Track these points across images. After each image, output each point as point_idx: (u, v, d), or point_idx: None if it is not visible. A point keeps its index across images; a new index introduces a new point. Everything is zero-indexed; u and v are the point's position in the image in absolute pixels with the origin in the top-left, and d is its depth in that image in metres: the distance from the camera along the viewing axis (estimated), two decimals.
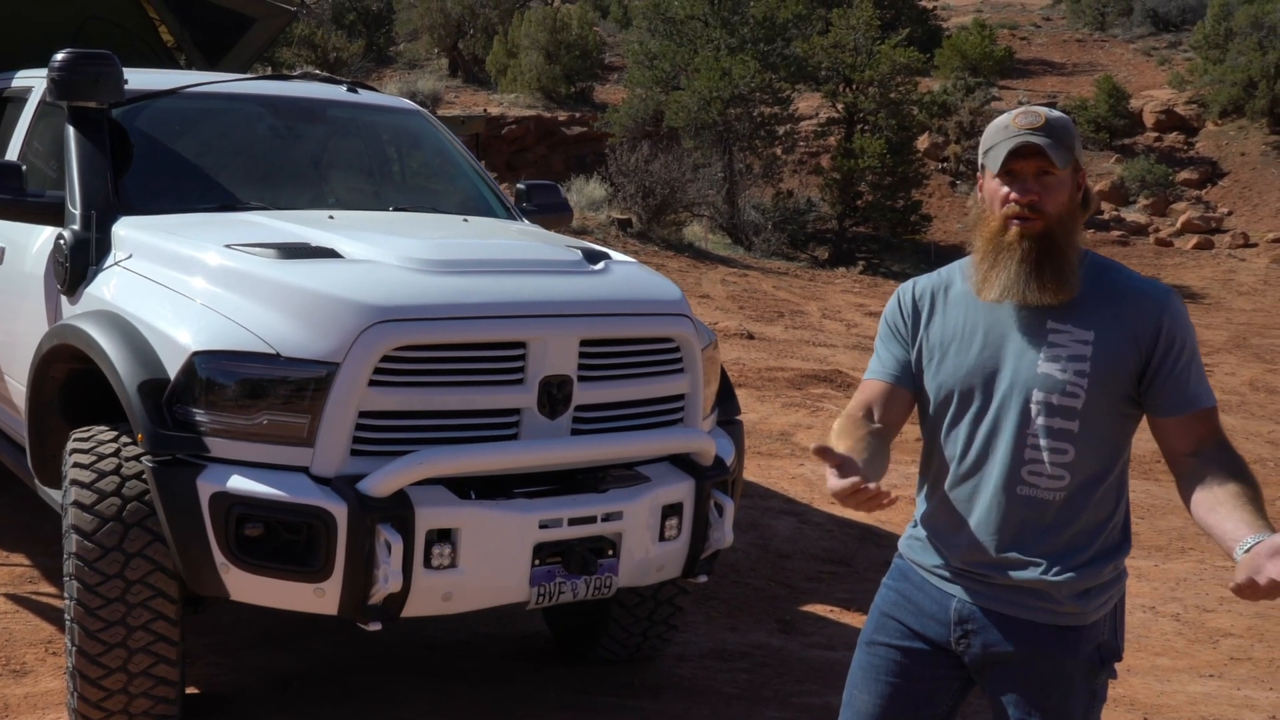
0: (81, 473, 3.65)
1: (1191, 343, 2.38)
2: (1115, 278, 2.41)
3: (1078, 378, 2.34)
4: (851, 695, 2.60)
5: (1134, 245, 28.14)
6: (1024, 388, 2.37)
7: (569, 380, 3.73)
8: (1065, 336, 2.36)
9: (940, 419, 2.49)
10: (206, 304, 3.67)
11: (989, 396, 2.42)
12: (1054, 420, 2.36)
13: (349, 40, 30.56)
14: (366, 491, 3.41)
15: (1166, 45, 36.91)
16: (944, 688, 2.52)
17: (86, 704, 3.68)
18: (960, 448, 2.46)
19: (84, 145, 4.41)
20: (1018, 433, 2.38)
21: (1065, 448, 2.36)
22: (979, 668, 2.47)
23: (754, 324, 14.27)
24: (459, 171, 5.37)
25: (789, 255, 23.69)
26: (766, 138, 25.28)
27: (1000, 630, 2.41)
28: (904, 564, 2.60)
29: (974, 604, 2.44)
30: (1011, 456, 2.39)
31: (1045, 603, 2.39)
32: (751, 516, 6.97)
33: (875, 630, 2.59)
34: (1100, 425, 2.36)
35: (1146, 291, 2.38)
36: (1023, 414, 2.38)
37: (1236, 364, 14.12)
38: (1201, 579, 6.32)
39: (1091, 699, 2.42)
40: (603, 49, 31.73)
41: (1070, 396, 2.34)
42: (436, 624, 4.95)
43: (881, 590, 2.63)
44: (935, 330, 2.50)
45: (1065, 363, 2.35)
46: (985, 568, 2.43)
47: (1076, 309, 2.37)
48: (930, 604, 2.51)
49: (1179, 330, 2.36)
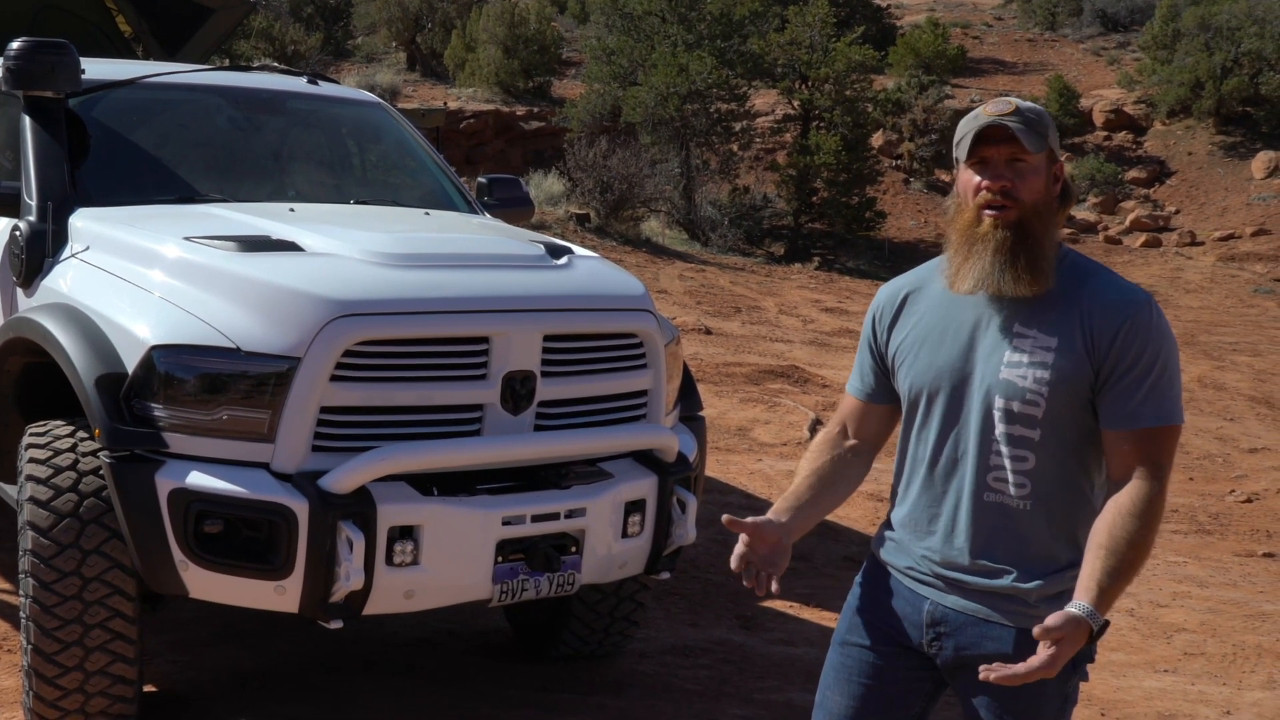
0: (37, 468, 3.59)
1: (1155, 356, 2.26)
2: (1092, 284, 2.33)
3: (1038, 385, 2.29)
4: (824, 695, 2.58)
5: (1083, 243, 28.40)
6: (988, 392, 2.34)
7: (532, 376, 3.72)
8: (1030, 342, 2.31)
9: (912, 420, 2.47)
10: (165, 297, 3.62)
11: (957, 399, 2.38)
12: (1015, 428, 2.32)
13: (307, 33, 30.26)
14: (328, 488, 3.37)
15: (1115, 45, 37.33)
16: (916, 689, 2.51)
17: (42, 703, 3.62)
18: (930, 450, 2.44)
19: (40, 135, 4.33)
20: (982, 438, 2.35)
21: (1026, 455, 2.32)
22: (951, 670, 2.44)
23: (711, 319, 14.29)
24: (420, 165, 5.34)
25: (745, 251, 23.73)
26: (723, 134, 25.29)
27: (973, 634, 2.39)
28: (877, 565, 2.57)
29: (946, 607, 2.42)
30: (977, 462, 2.36)
31: (1017, 606, 2.36)
32: (710, 511, 6.96)
33: (848, 630, 2.57)
34: (1063, 434, 2.31)
35: (1115, 299, 2.30)
36: (986, 419, 2.34)
37: (1185, 361, 14.31)
38: (1155, 574, 6.40)
39: (1063, 702, 2.40)
40: (560, 44, 31.63)
41: (1031, 405, 2.29)
42: (397, 621, 4.92)
43: (854, 590, 2.61)
44: (908, 330, 2.48)
45: (1027, 369, 2.30)
46: (957, 571, 2.40)
47: (1045, 313, 2.31)
48: (903, 605, 2.48)
49: (1139, 341, 2.26)
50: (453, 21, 30.27)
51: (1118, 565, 2.20)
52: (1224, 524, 7.57)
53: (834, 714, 2.55)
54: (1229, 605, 5.95)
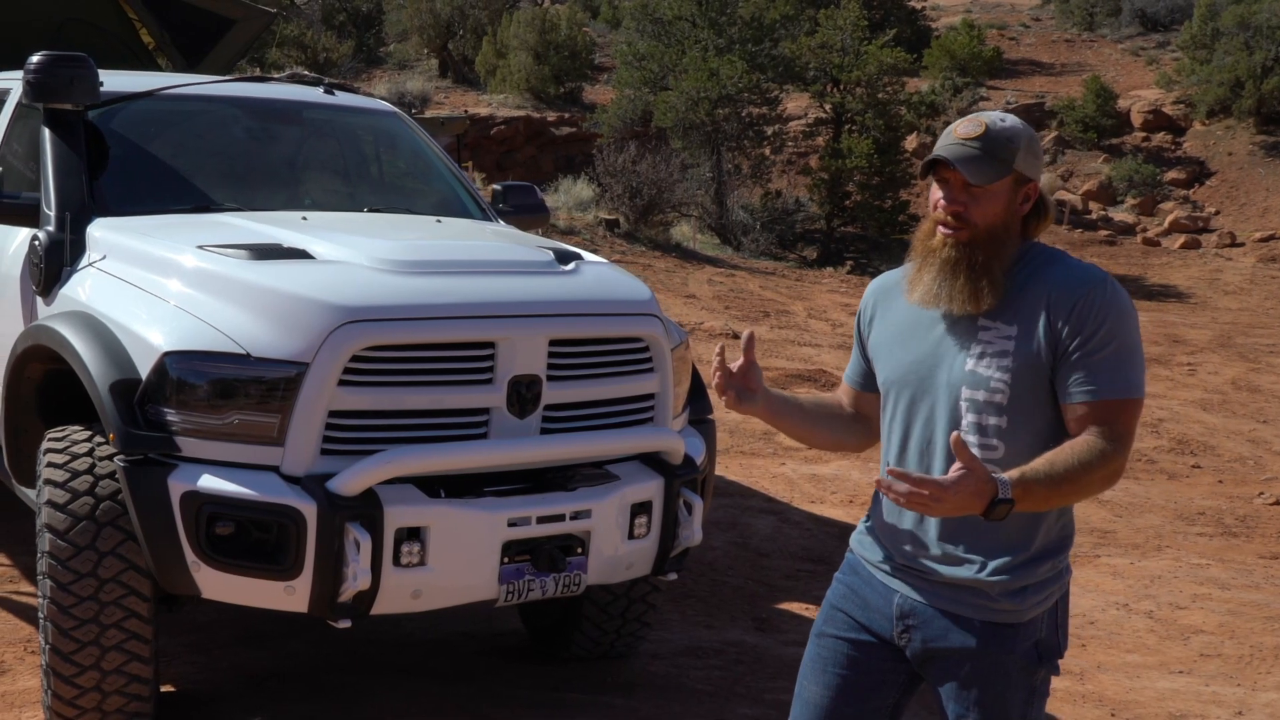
0: (55, 472, 3.68)
1: (1112, 331, 2.31)
2: (1050, 270, 2.39)
3: (1002, 373, 2.36)
4: (802, 685, 2.65)
5: (1121, 245, 28.20)
6: (954, 385, 2.41)
7: (538, 380, 3.77)
8: (992, 334, 2.38)
9: (886, 413, 2.56)
10: (178, 304, 3.70)
11: (925, 393, 2.46)
12: (982, 417, 2.38)
13: (339, 41, 30.56)
14: (335, 490, 3.44)
15: (1155, 45, 37.02)
16: (891, 680, 2.57)
17: (60, 701, 3.71)
18: (899, 443, 2.52)
19: (59, 147, 4.43)
20: (949, 430, 2.41)
21: (995, 444, 2.38)
22: (920, 661, 2.51)
23: (740, 324, 14.30)
24: (434, 173, 5.41)
25: (777, 255, 23.74)
26: (755, 138, 25.33)
27: (939, 625, 2.45)
28: (853, 558, 2.66)
29: (914, 599, 2.49)
30: (946, 453, 2.42)
31: (981, 599, 2.42)
32: (731, 515, 7.02)
33: (825, 622, 2.64)
34: (1030, 422, 2.37)
35: (1070, 279, 2.35)
36: (954, 412, 2.41)
37: (1220, 363, 14.19)
38: (1176, 576, 6.37)
39: (1030, 694, 2.44)
40: (593, 49, 31.76)
41: (996, 393, 2.36)
42: (412, 622, 4.98)
43: (833, 583, 2.68)
44: (884, 326, 2.58)
45: (990, 359, 2.37)
46: (924, 563, 2.47)
47: (1007, 305, 2.38)
48: (875, 598, 2.56)
49: (1095, 316, 2.31)
50: (484, 28, 30.46)
51: (1049, 472, 2.26)
52: (1251, 526, 7.51)
53: (810, 704, 2.62)
54: (1250, 607, 5.91)
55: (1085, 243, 28.39)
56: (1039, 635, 2.44)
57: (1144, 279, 25.15)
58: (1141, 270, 25.95)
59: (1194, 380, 12.87)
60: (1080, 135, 31.24)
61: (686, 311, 14.72)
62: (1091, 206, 29.90)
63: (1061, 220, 29.32)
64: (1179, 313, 20.09)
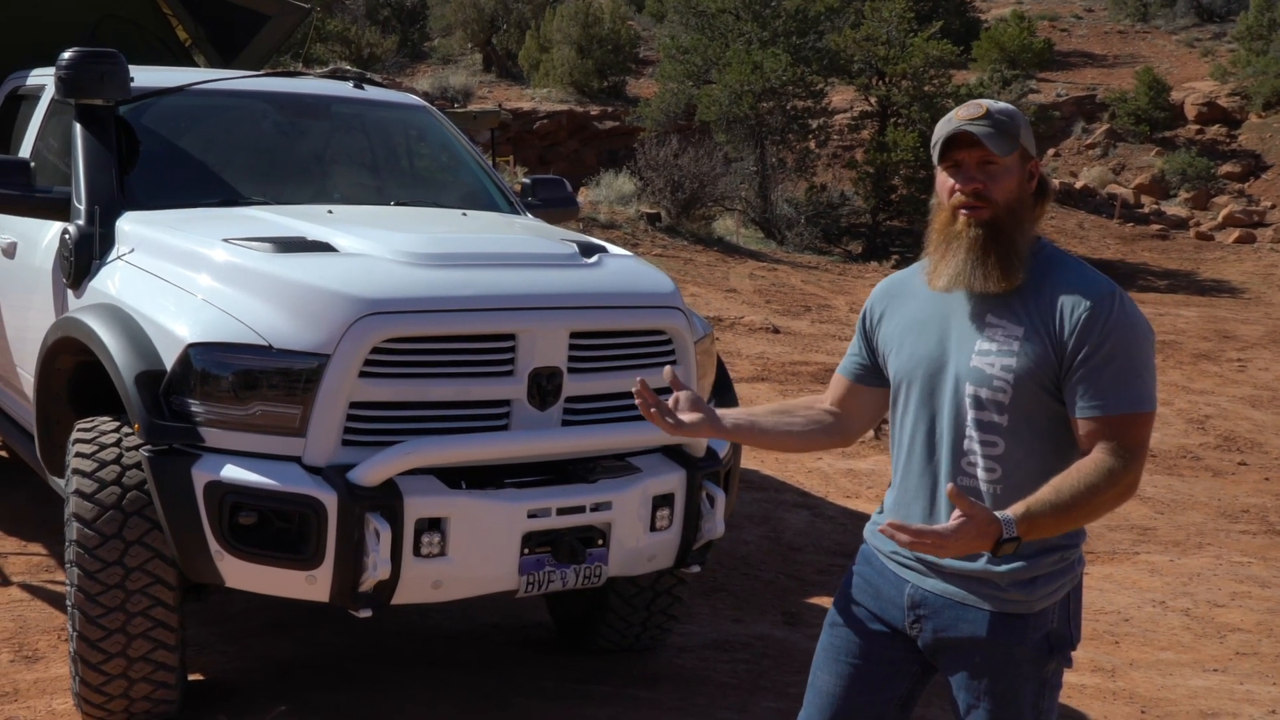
0: (83, 462, 3.74)
1: (1119, 344, 2.31)
2: (1060, 275, 2.39)
3: (1005, 373, 2.36)
4: (815, 675, 2.67)
5: (1174, 239, 27.80)
6: (961, 380, 2.42)
7: (559, 372, 3.77)
8: (999, 331, 2.39)
9: (896, 408, 2.57)
10: (203, 297, 3.74)
11: (935, 387, 2.47)
12: (984, 414, 2.39)
13: (383, 36, 30.75)
14: (355, 481, 3.46)
15: (1210, 37, 36.44)
16: (903, 670, 2.58)
17: (88, 688, 3.77)
18: (909, 436, 2.53)
19: (90, 142, 4.49)
20: (955, 425, 2.43)
21: (995, 440, 2.40)
22: (932, 652, 2.52)
23: (780, 318, 14.26)
24: (462, 166, 5.42)
25: (822, 249, 23.60)
26: (799, 131, 25.19)
27: (949, 616, 2.46)
28: (867, 549, 2.67)
29: (925, 589, 2.50)
30: (952, 448, 2.44)
31: (990, 589, 2.42)
32: (765, 509, 6.99)
33: (838, 612, 2.65)
34: (1031, 421, 2.38)
35: (1079, 289, 2.35)
36: (959, 407, 2.43)
37: (1271, 359, 13.94)
38: (1216, 574, 6.27)
39: (1042, 685, 2.45)
40: (636, 43, 31.73)
41: (998, 391, 2.37)
42: (441, 614, 5.01)
43: (848, 573, 2.69)
44: (896, 322, 2.59)
45: (995, 357, 2.38)
46: None
47: (1014, 304, 2.39)
48: (888, 588, 2.57)
49: (1101, 329, 2.30)
50: (528, 22, 30.55)
51: (1055, 501, 2.25)
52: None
53: (823, 693, 2.63)
54: None
55: (1136, 237, 28.00)
56: (1050, 626, 2.44)
57: (1196, 274, 24.77)
58: (1194, 265, 25.55)
59: (1243, 376, 12.66)
60: (1132, 128, 30.82)
61: (727, 306, 14.69)
62: (1144, 200, 29.49)
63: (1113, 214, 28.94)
64: (1231, 308, 19.75)
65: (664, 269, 16.05)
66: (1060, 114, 32.00)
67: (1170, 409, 10.75)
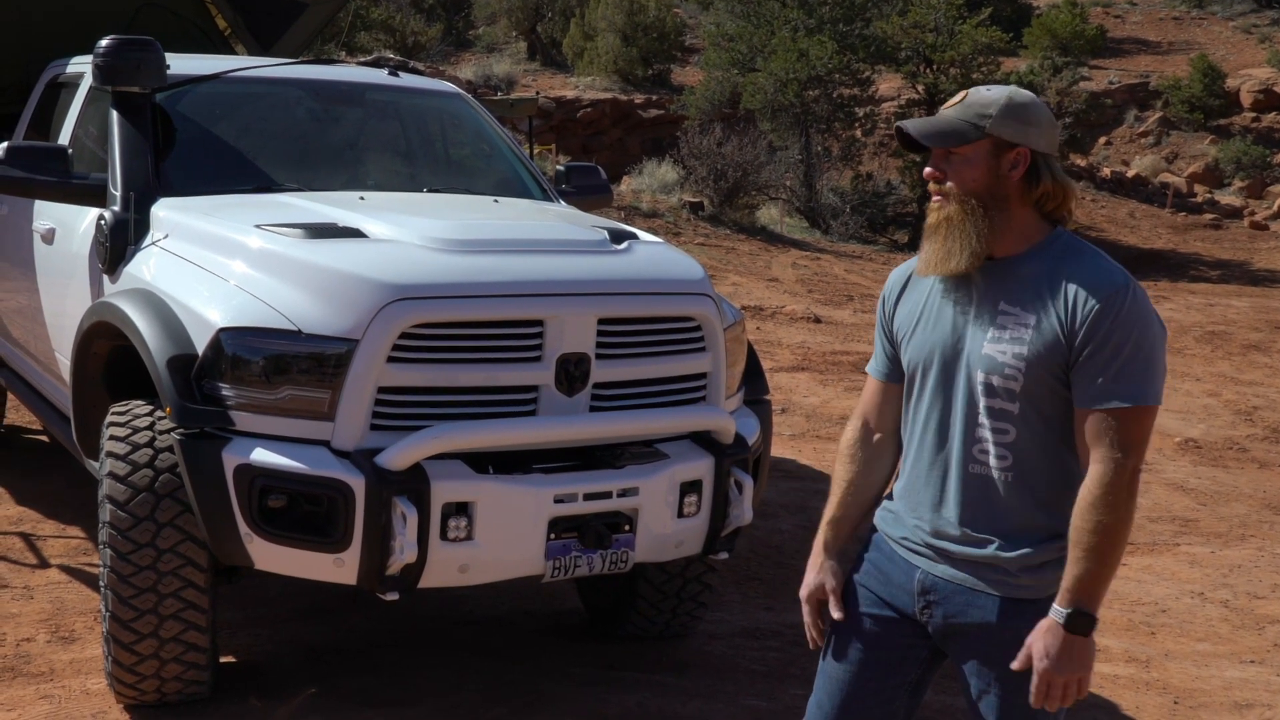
0: (117, 445, 3.79)
1: (1128, 337, 2.29)
2: (1074, 265, 2.37)
3: (1016, 360, 2.36)
4: (825, 660, 2.67)
5: (1227, 229, 27.38)
6: (973, 367, 2.42)
7: (587, 358, 3.77)
8: (1011, 319, 2.38)
9: (910, 395, 2.56)
10: (235, 282, 3.77)
11: (947, 374, 2.46)
12: (995, 401, 2.39)
13: (427, 24, 30.87)
14: (383, 465, 3.48)
15: (1268, 23, 35.82)
16: (913, 656, 2.57)
17: (120, 668, 3.82)
18: (923, 423, 2.52)
19: (126, 129, 4.54)
20: (967, 412, 2.43)
21: (1006, 428, 2.39)
22: (942, 637, 2.52)
23: (822, 308, 14.19)
24: (497, 153, 5.43)
25: (867, 239, 23.46)
26: (845, 120, 25.04)
27: (960, 601, 2.45)
28: (877, 535, 2.66)
29: (936, 576, 2.49)
30: (963, 435, 2.44)
31: (1000, 575, 2.42)
32: (801, 499, 6.96)
33: (849, 598, 2.63)
34: (1042, 408, 2.37)
35: (1092, 280, 2.33)
36: (971, 393, 2.42)
37: None
38: (1258, 565, 6.18)
39: None
40: (682, 31, 31.64)
41: (1010, 379, 2.37)
42: (472, 599, 5.04)
43: (857, 560, 2.68)
44: (909, 308, 2.58)
45: (1007, 345, 2.37)
46: (945, 541, 2.47)
47: (1028, 292, 2.38)
48: (898, 574, 2.56)
49: (1111, 321, 2.28)
50: (572, 10, 30.54)
51: (1085, 558, 2.28)
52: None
53: (833, 679, 2.64)
54: None
55: (1189, 226, 27.60)
56: None
57: (1249, 264, 24.38)
58: (1247, 255, 25.15)
59: None
60: (1186, 116, 30.38)
61: (768, 295, 14.63)
62: (1197, 189, 29.07)
63: (1165, 203, 28.52)
64: None
65: (705, 258, 15.96)
66: (1112, 102, 31.59)
67: (1218, 400, 10.59)
